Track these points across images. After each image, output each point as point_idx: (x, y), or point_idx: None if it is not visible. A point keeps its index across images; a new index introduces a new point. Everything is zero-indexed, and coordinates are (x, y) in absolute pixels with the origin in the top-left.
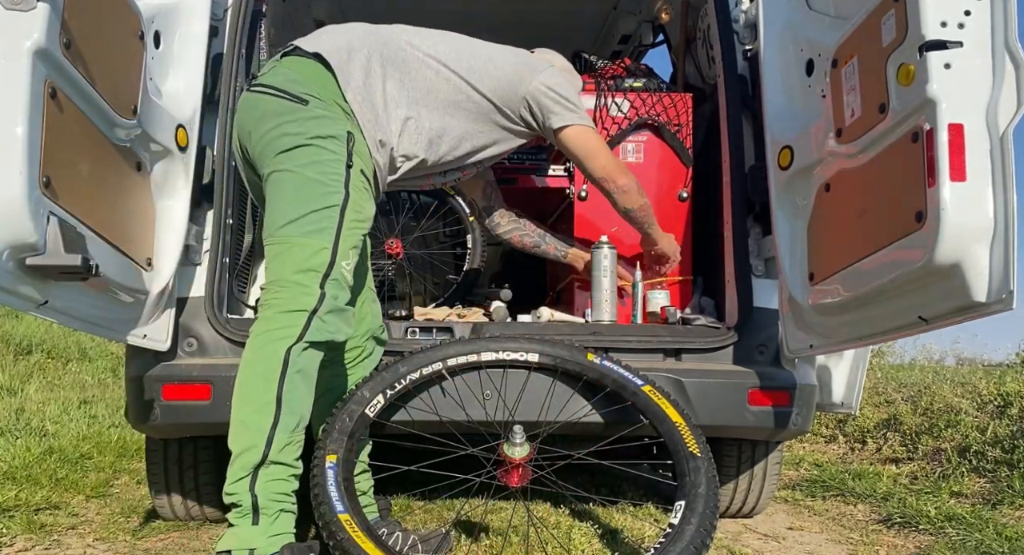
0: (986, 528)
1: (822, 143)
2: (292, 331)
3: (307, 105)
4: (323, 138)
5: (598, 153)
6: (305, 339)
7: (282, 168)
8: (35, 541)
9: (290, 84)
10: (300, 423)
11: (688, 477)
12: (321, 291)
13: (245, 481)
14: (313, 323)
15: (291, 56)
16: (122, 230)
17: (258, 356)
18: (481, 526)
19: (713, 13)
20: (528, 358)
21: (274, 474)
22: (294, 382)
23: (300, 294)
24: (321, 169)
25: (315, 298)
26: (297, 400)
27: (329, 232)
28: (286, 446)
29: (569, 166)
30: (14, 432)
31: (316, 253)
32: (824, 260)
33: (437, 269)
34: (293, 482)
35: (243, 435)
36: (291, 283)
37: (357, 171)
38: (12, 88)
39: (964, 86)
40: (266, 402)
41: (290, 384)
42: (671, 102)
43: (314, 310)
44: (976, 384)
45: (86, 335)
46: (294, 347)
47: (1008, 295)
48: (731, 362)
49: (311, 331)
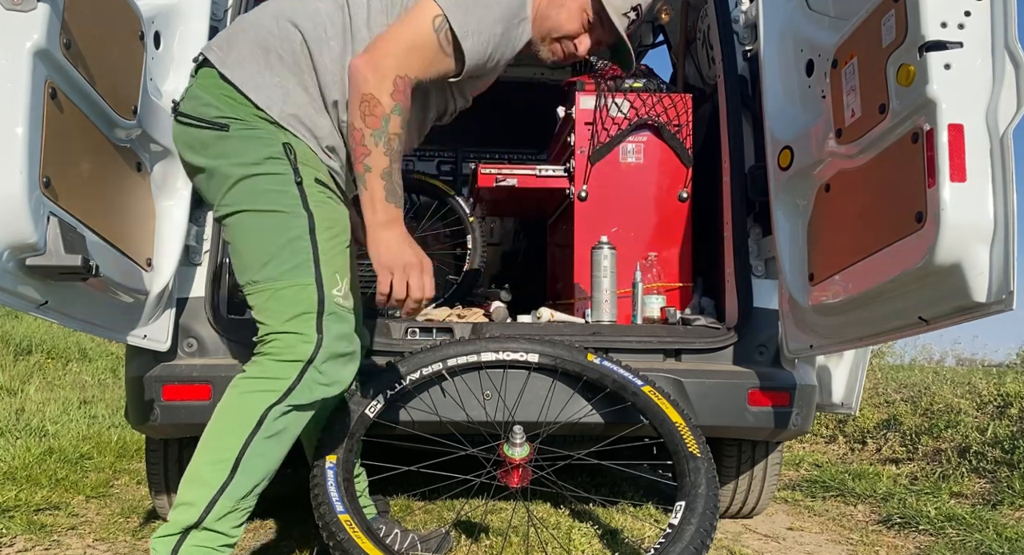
0: (986, 528)
1: (822, 143)
2: (279, 385)
3: (228, 131)
4: (259, 163)
5: (402, 36)
6: (289, 401)
7: (232, 211)
8: (35, 541)
9: (204, 108)
10: (255, 490)
11: (688, 477)
12: (319, 335)
13: (170, 540)
14: (306, 377)
15: (201, 68)
16: (122, 230)
17: (235, 404)
18: (481, 526)
19: (713, 13)
20: (528, 358)
21: (203, 541)
22: (261, 447)
23: (297, 342)
24: (272, 199)
25: (312, 345)
26: (258, 467)
27: (307, 265)
28: (228, 514)
29: (569, 166)
30: (14, 432)
31: (301, 293)
32: (824, 260)
33: (437, 269)
34: (223, 552)
35: (191, 485)
36: (284, 333)
37: (311, 182)
38: (12, 88)
39: (964, 86)
40: (224, 459)
41: (256, 448)
42: (671, 102)
43: (310, 359)
44: (976, 384)
45: (86, 335)
46: (274, 408)
47: (1008, 295)
48: (731, 362)
49: (300, 388)
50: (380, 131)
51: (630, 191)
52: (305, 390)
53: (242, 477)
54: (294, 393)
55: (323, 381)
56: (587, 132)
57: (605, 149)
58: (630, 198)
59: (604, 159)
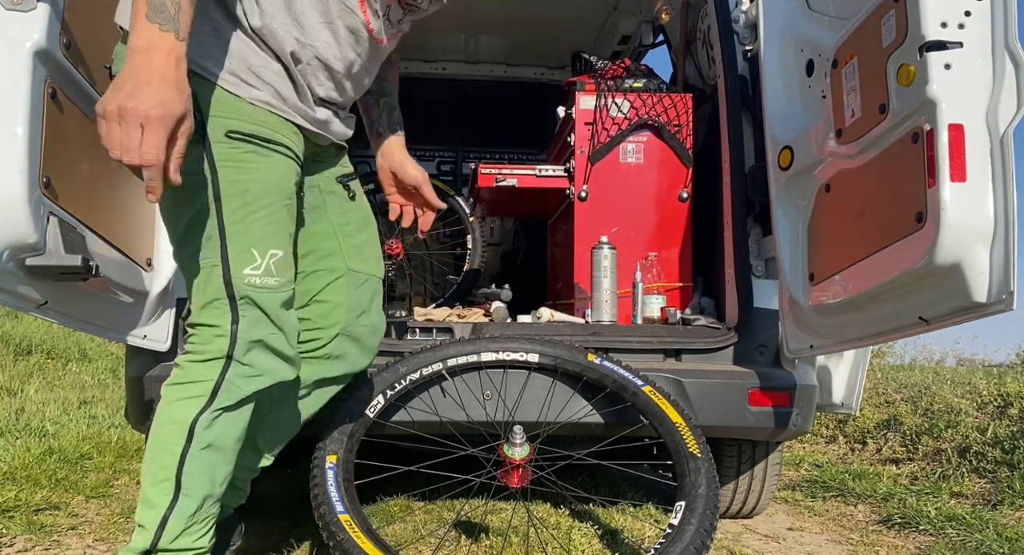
0: (986, 528)
1: (822, 143)
2: (203, 388)
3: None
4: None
5: None
6: (216, 406)
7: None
8: (35, 541)
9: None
10: (205, 504)
11: (688, 477)
12: (233, 326)
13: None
14: (229, 375)
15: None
16: (122, 230)
17: (164, 417)
18: (481, 526)
19: (713, 13)
20: (528, 358)
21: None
22: (199, 461)
23: (211, 337)
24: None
25: (227, 338)
26: (200, 483)
27: (212, 239)
28: (183, 532)
29: (569, 166)
30: (14, 432)
31: (209, 276)
32: (824, 260)
33: (437, 269)
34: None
35: (142, 507)
36: (199, 325)
37: (219, 135)
38: (12, 88)
39: (964, 86)
40: (164, 479)
41: (193, 463)
42: (671, 102)
43: (228, 355)
44: (976, 384)
45: (86, 335)
46: (202, 417)
47: (1008, 295)
48: (731, 362)
49: (225, 389)
50: None
51: (630, 191)
52: (232, 389)
53: (186, 497)
54: (220, 395)
55: (251, 373)
56: (587, 132)
57: (605, 149)
58: (630, 198)
59: (604, 159)
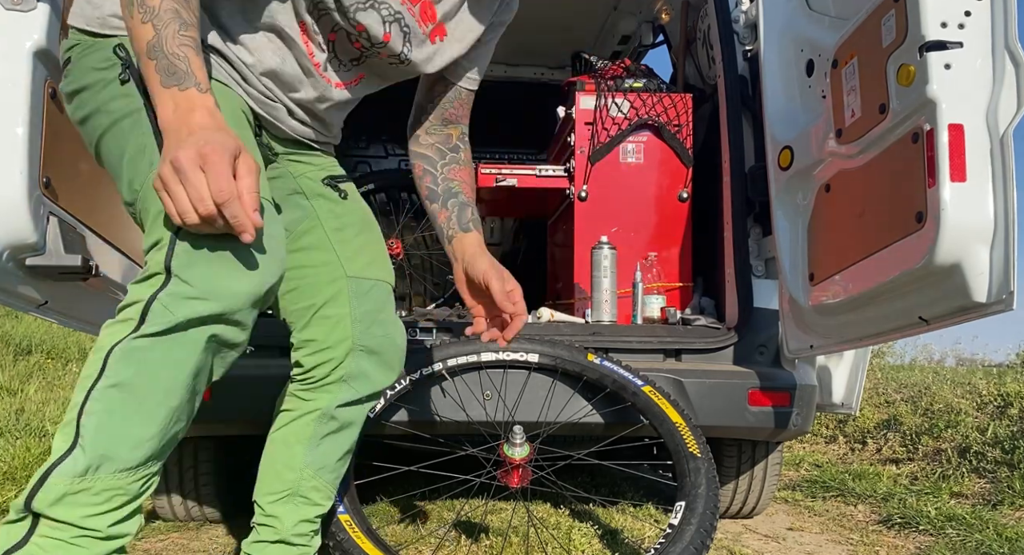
0: (986, 528)
1: (822, 143)
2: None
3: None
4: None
5: None
6: (140, 332)
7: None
8: None
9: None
10: (102, 468)
11: (688, 477)
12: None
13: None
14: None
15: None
16: (122, 230)
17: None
18: (481, 526)
19: (713, 13)
20: (528, 358)
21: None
22: (102, 401)
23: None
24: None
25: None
26: (99, 434)
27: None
28: (65, 498)
29: (569, 166)
30: (14, 432)
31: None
32: (824, 260)
33: (437, 269)
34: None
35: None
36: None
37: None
38: (12, 88)
39: (964, 86)
40: (68, 421)
41: (95, 403)
42: (671, 102)
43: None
44: (976, 384)
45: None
46: (120, 344)
47: (1008, 295)
48: (731, 362)
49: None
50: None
51: (630, 191)
52: (160, 312)
53: (80, 450)
54: (148, 319)
55: (189, 293)
56: (587, 132)
57: (605, 149)
58: (630, 198)
59: (604, 159)
